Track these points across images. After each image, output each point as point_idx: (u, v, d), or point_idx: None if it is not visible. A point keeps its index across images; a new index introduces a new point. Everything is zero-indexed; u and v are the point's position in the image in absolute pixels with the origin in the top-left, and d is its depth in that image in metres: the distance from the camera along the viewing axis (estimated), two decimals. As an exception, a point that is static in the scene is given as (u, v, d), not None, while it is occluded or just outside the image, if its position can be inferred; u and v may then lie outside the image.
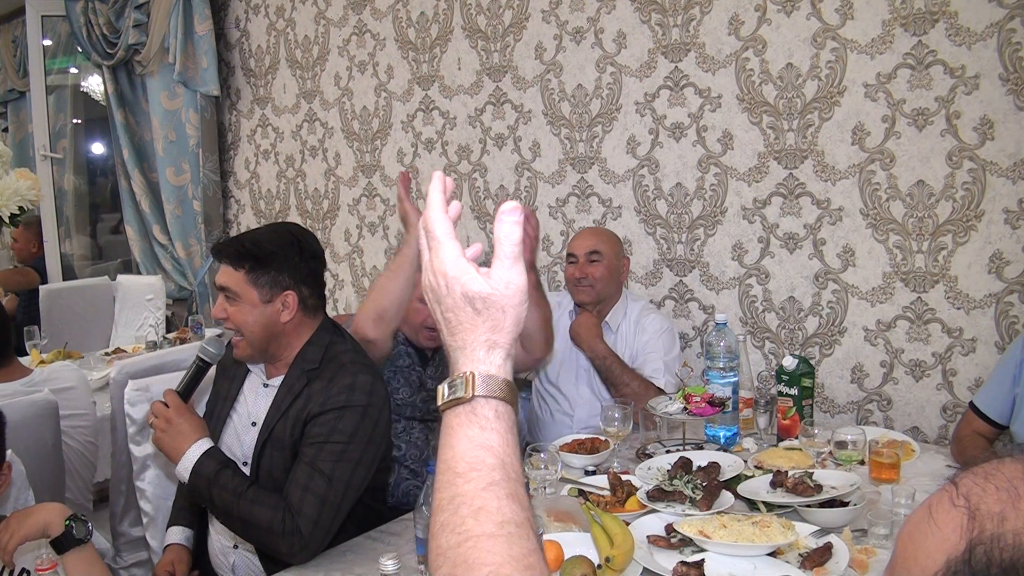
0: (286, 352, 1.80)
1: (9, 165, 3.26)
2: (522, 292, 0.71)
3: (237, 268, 1.74)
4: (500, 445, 0.69)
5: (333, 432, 1.66)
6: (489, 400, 0.70)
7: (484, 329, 0.71)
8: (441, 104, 3.42)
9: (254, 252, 1.74)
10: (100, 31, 4.63)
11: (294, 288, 1.76)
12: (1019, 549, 0.53)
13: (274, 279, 1.74)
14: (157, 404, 1.72)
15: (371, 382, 1.73)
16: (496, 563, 0.63)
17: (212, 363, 1.79)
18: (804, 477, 1.71)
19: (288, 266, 1.75)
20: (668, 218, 2.81)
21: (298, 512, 1.59)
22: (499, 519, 0.65)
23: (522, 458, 2.00)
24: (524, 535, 0.65)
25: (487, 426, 0.69)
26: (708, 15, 2.63)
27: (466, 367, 0.71)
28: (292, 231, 1.83)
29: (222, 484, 1.63)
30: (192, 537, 1.92)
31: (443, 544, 0.66)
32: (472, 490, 0.67)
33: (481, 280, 0.71)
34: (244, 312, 1.74)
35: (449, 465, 0.69)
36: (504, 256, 0.71)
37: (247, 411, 1.83)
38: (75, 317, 4.21)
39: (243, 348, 1.78)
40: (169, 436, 1.68)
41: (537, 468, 1.85)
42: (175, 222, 4.52)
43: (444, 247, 0.73)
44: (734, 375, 2.14)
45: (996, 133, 2.18)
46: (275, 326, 1.75)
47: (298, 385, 1.74)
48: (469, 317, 0.72)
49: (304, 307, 1.78)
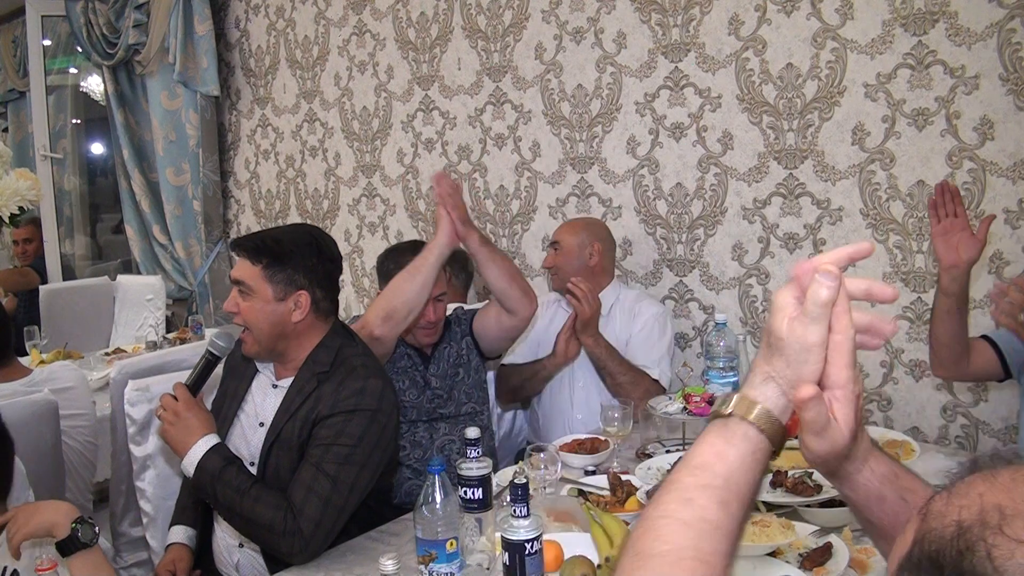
0: (296, 353, 1.79)
1: (9, 165, 3.26)
2: (808, 350, 0.74)
3: (255, 263, 1.74)
4: (735, 460, 0.73)
5: (341, 435, 1.66)
6: (743, 422, 0.74)
7: (768, 363, 0.76)
8: (441, 104, 3.42)
9: (273, 249, 1.75)
10: (100, 31, 4.63)
11: (308, 289, 1.76)
12: (943, 540, 0.54)
13: (289, 277, 1.74)
14: (166, 397, 1.71)
15: (381, 387, 1.73)
16: (679, 546, 0.68)
17: (222, 356, 1.79)
18: (804, 477, 1.70)
19: (305, 266, 1.76)
20: (668, 218, 2.81)
21: (300, 512, 1.59)
22: (700, 515, 0.70)
23: (521, 460, 2.00)
24: (718, 538, 0.69)
25: (731, 441, 0.74)
26: (708, 15, 2.63)
27: (742, 389, 0.77)
28: (312, 232, 1.85)
29: (226, 480, 1.63)
30: (194, 536, 1.92)
31: (648, 511, 0.73)
32: (691, 483, 0.72)
33: (785, 323, 0.75)
34: (256, 308, 1.74)
35: (686, 459, 0.75)
36: (807, 313, 0.74)
37: (255, 411, 1.83)
38: (75, 317, 4.21)
39: (250, 344, 1.78)
40: (177, 429, 1.68)
41: (537, 468, 1.85)
42: (175, 222, 4.52)
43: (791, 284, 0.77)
44: (734, 375, 2.14)
45: (996, 133, 2.18)
46: (285, 325, 1.75)
47: (308, 387, 1.73)
48: (763, 347, 0.77)
49: (316, 309, 1.78)
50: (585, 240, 2.64)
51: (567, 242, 2.64)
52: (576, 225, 2.72)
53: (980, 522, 0.54)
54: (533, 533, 1.34)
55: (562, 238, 2.66)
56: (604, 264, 2.66)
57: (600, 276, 2.63)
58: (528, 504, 1.35)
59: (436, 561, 1.45)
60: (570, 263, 2.61)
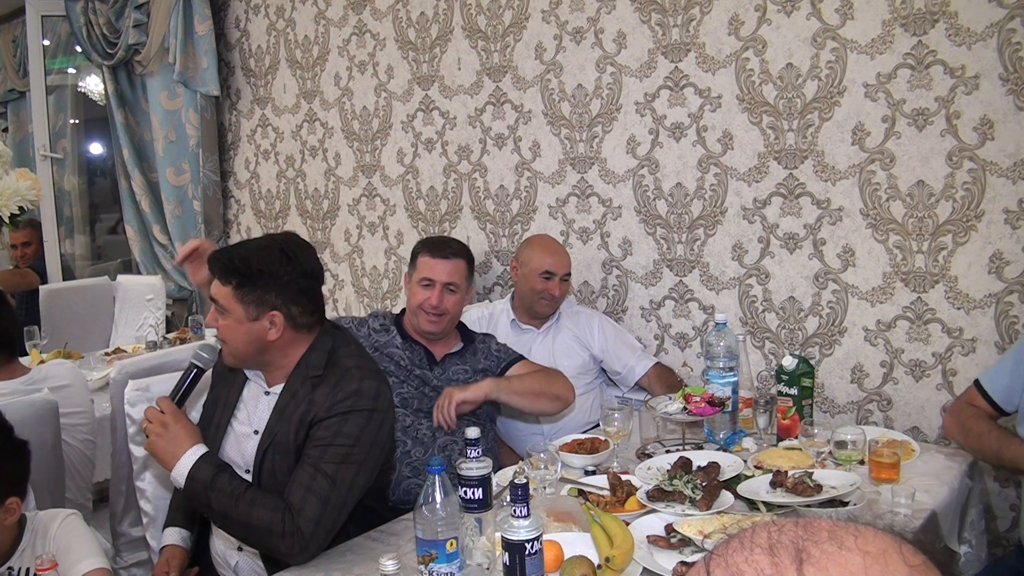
0: (282, 362, 1.77)
1: (9, 165, 3.26)
2: None
3: (224, 284, 1.70)
4: None
5: (338, 435, 1.65)
6: None
7: None
8: (441, 104, 3.42)
9: (242, 269, 1.69)
10: (100, 31, 4.63)
11: (281, 308, 1.70)
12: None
13: (260, 298, 1.69)
14: (151, 410, 1.70)
15: (376, 386, 1.72)
16: None
17: (206, 368, 1.77)
18: (804, 477, 1.71)
19: (276, 285, 1.70)
20: (668, 218, 2.81)
21: (299, 513, 1.58)
22: None
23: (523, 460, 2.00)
24: None
25: None
26: (708, 15, 2.63)
27: None
28: (284, 247, 1.74)
29: (219, 488, 1.62)
30: (188, 538, 1.91)
31: None
32: None
33: None
34: (231, 327, 1.71)
35: None
36: None
37: (248, 419, 1.82)
38: (75, 317, 4.20)
39: (227, 356, 1.76)
40: (164, 441, 1.66)
41: (537, 468, 1.85)
42: (175, 222, 4.52)
43: None
44: (734, 375, 2.14)
45: (996, 133, 2.18)
46: (262, 343, 1.72)
47: (302, 391, 1.72)
48: None
49: (294, 325, 1.73)
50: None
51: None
52: (566, 251, 2.80)
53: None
54: (533, 533, 1.34)
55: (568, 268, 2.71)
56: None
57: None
58: (528, 504, 1.35)
59: (436, 561, 1.45)
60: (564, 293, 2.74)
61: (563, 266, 2.67)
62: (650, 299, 2.89)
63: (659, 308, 2.87)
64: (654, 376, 2.65)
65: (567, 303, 2.79)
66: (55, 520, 1.66)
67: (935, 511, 1.77)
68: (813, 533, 0.51)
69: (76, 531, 1.65)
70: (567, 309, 2.77)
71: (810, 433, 1.95)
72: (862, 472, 1.87)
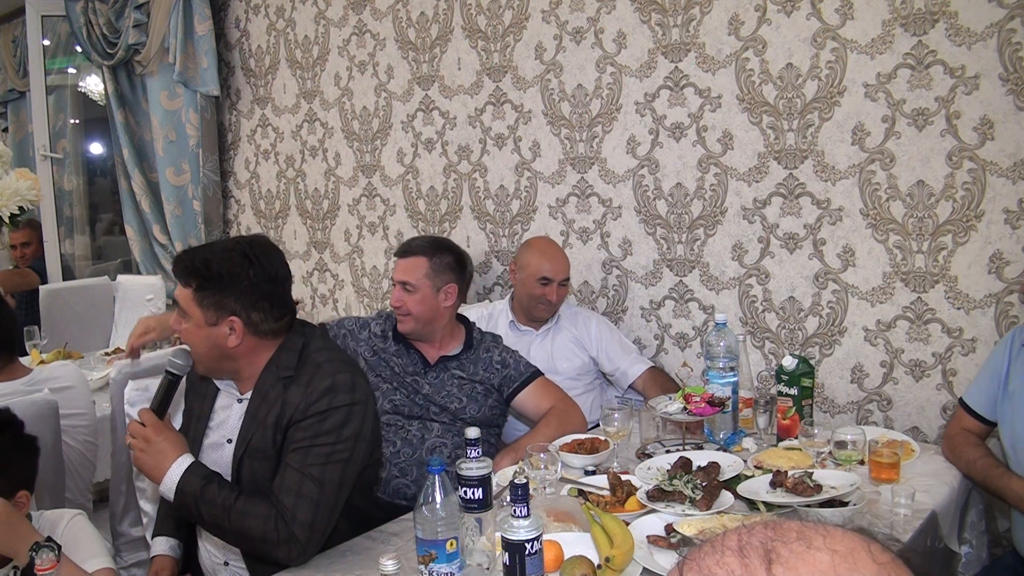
0: (249, 370, 1.72)
1: (9, 165, 3.26)
2: None
3: (184, 285, 1.66)
4: None
5: (319, 434, 1.62)
6: None
7: None
8: (441, 104, 3.42)
9: (201, 271, 1.64)
10: (100, 31, 4.63)
11: (241, 314, 1.65)
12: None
13: (219, 302, 1.64)
14: (133, 424, 1.67)
15: (351, 379, 1.68)
16: None
17: (182, 375, 1.73)
18: (804, 477, 1.71)
19: (235, 290, 1.64)
20: (668, 218, 2.81)
21: (292, 519, 1.57)
22: None
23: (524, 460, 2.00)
24: None
25: None
26: (708, 15, 2.63)
27: None
28: (248, 251, 1.68)
29: (209, 500, 1.59)
30: (177, 547, 1.89)
31: None
32: None
33: None
34: (191, 331, 1.67)
35: None
36: None
37: (221, 429, 1.78)
38: (75, 317, 4.20)
39: (196, 364, 1.72)
40: (149, 455, 1.63)
41: (537, 468, 1.85)
42: (175, 222, 4.52)
43: None
44: (734, 375, 2.14)
45: (996, 133, 2.18)
46: (222, 349, 1.67)
47: (273, 393, 1.68)
48: None
49: (255, 331, 1.67)
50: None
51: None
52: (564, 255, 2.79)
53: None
54: (533, 533, 1.33)
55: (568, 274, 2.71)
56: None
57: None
58: (528, 504, 1.35)
59: (436, 561, 1.45)
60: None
61: (561, 272, 2.65)
62: (650, 299, 2.89)
63: (659, 308, 2.87)
64: (648, 380, 2.62)
65: (566, 304, 2.79)
66: (62, 520, 1.66)
67: (935, 511, 1.77)
68: (782, 534, 0.51)
69: (83, 531, 1.66)
70: (566, 310, 2.77)
71: (810, 433, 1.95)
72: (862, 472, 1.87)
